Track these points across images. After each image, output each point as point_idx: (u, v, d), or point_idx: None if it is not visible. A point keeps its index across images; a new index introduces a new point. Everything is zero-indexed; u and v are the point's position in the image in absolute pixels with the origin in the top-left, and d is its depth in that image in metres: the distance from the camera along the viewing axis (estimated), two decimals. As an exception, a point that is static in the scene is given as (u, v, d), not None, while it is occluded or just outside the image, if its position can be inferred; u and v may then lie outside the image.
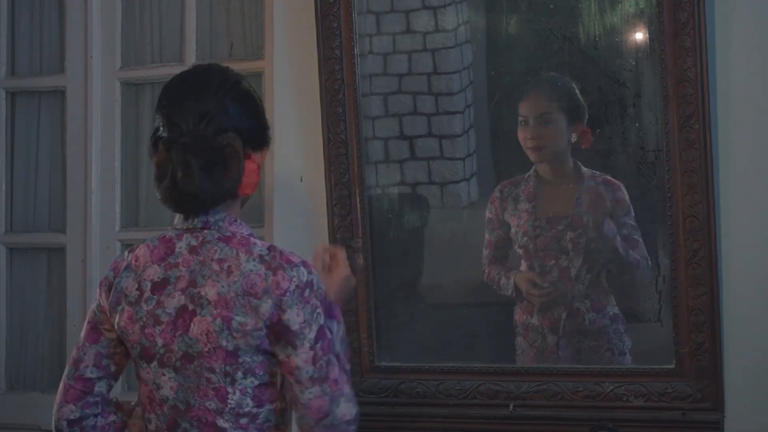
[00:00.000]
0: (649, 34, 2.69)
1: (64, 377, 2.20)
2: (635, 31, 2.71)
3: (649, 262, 2.71)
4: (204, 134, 2.06)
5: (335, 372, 2.07)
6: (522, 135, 2.82)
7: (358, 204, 2.91)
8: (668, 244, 2.66)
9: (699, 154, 2.60)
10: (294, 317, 2.03)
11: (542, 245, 2.81)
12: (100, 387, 2.19)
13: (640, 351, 2.75)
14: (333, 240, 2.91)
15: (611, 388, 2.71)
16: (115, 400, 2.26)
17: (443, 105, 2.89)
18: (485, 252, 2.88)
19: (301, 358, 2.03)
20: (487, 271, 2.88)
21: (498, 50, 2.89)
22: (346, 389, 2.09)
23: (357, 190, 2.90)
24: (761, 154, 2.68)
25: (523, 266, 2.83)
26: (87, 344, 2.18)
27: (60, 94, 3.60)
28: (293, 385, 2.05)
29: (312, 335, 2.04)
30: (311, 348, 2.03)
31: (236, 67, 3.33)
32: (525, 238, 2.83)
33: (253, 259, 2.06)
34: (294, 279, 2.04)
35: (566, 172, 2.81)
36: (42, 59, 3.66)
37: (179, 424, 2.08)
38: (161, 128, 2.11)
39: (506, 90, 2.88)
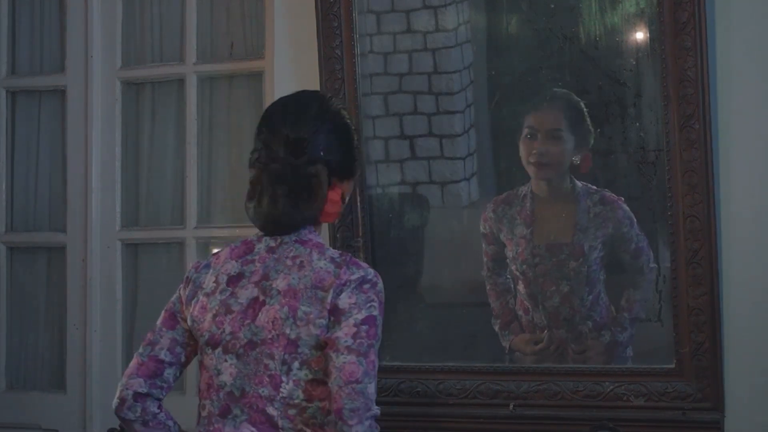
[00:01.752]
0: (649, 33, 2.69)
1: (137, 355, 2.27)
2: (636, 31, 2.71)
3: (651, 264, 2.70)
4: (294, 163, 2.18)
5: (375, 358, 2.11)
6: (526, 148, 2.79)
7: (359, 203, 2.91)
8: (668, 244, 2.66)
9: (699, 153, 2.60)
10: (345, 299, 2.12)
11: (542, 272, 2.80)
12: (168, 373, 2.26)
13: (641, 351, 2.75)
14: (333, 239, 2.92)
15: (611, 387, 2.70)
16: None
17: (443, 104, 2.89)
18: (485, 259, 2.88)
19: (342, 331, 2.09)
20: (487, 287, 2.86)
21: (498, 50, 2.89)
22: (375, 386, 2.13)
23: (357, 190, 2.90)
24: (761, 154, 2.68)
25: (521, 288, 2.82)
26: (164, 329, 2.28)
27: (60, 93, 3.60)
28: (330, 356, 2.09)
29: (359, 317, 2.11)
30: (355, 325, 2.10)
31: (236, 67, 3.41)
32: (524, 266, 2.82)
33: (325, 259, 2.17)
34: (355, 274, 2.14)
35: (563, 190, 2.80)
36: (42, 58, 3.66)
37: (231, 410, 2.16)
38: (260, 149, 2.22)
39: (506, 90, 2.87)
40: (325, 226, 2.91)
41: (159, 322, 2.30)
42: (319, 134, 2.20)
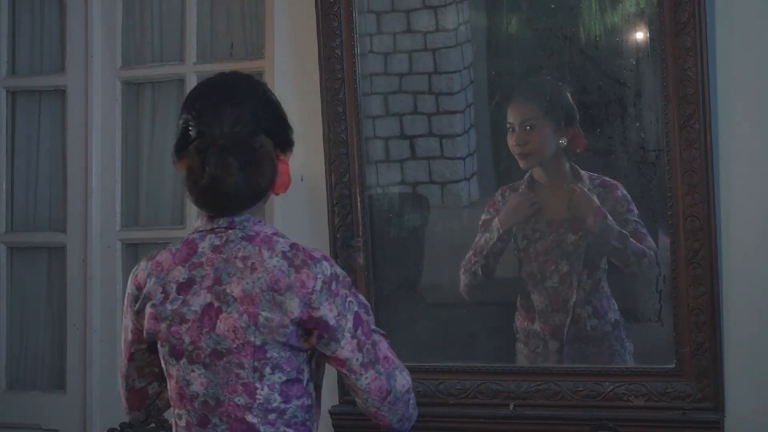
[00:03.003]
0: (649, 33, 2.69)
1: (120, 386, 2.30)
2: (636, 31, 2.72)
3: (656, 254, 2.70)
4: (239, 136, 2.12)
5: (383, 349, 2.14)
6: (510, 141, 2.82)
7: (359, 203, 2.91)
8: (668, 244, 2.66)
9: (699, 153, 2.61)
10: (328, 313, 2.08)
11: (542, 249, 2.81)
12: (152, 389, 2.29)
13: (641, 351, 2.75)
14: (333, 239, 2.92)
15: (611, 387, 2.70)
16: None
17: (444, 104, 2.89)
18: (468, 254, 2.87)
19: (346, 349, 2.09)
20: (461, 272, 2.88)
21: (498, 50, 2.89)
22: (396, 361, 2.16)
23: (357, 190, 2.91)
24: (761, 154, 2.68)
25: (522, 270, 2.83)
26: (126, 362, 2.27)
27: (60, 93, 3.60)
28: (347, 375, 2.12)
29: (350, 325, 2.10)
30: (353, 337, 2.10)
31: (236, 67, 3.38)
32: (525, 242, 2.83)
33: (276, 256, 2.10)
34: (319, 276, 2.08)
35: (562, 176, 2.81)
36: (42, 58, 3.67)
37: (209, 419, 2.12)
38: (190, 132, 2.15)
39: (506, 90, 2.88)
40: (324, 227, 2.92)
41: (122, 349, 2.28)
42: (256, 108, 2.16)
